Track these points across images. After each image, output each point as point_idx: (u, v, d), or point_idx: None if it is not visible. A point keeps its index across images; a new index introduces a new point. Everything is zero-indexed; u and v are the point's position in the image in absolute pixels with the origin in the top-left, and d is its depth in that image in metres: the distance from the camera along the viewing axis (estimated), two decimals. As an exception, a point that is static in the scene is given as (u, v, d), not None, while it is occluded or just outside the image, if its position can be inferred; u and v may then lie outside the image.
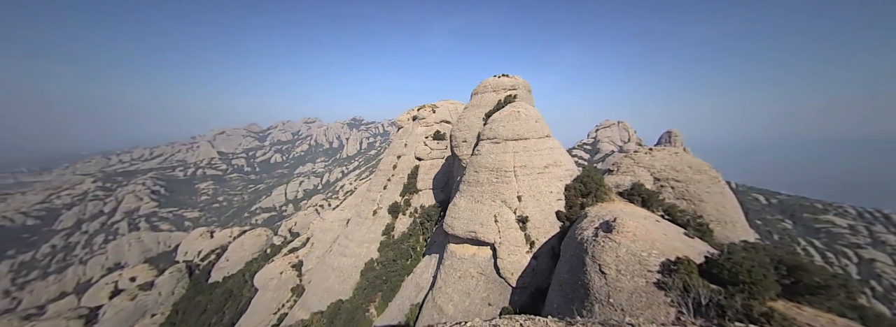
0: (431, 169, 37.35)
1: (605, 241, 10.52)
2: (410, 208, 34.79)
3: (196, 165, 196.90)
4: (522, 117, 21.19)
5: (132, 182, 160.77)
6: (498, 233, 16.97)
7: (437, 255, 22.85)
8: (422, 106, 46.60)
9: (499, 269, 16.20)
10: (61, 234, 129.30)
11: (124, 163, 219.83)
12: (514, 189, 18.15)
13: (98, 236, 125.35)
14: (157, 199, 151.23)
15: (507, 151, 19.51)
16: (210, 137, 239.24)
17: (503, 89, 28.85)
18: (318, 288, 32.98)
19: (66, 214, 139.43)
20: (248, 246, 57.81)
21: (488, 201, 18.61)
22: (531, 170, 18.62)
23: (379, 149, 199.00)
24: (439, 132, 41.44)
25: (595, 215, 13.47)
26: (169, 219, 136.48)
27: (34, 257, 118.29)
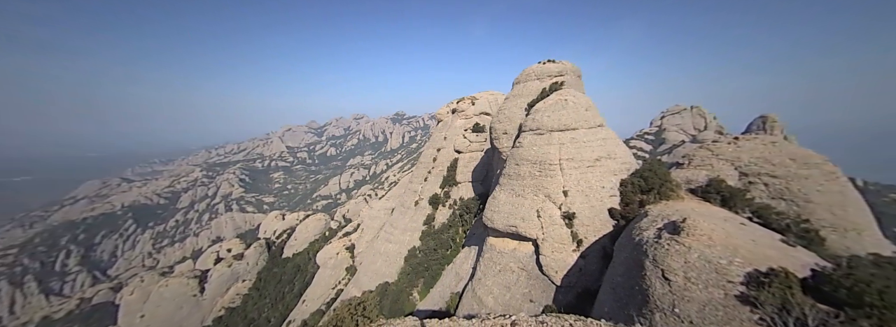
0: (470, 162, 37.16)
1: (671, 244, 9.19)
2: (450, 200, 35.35)
3: (270, 158, 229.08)
4: (570, 106, 19.47)
5: (226, 171, 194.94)
6: (541, 229, 16.19)
7: (477, 247, 22.91)
8: (461, 98, 46.22)
9: (542, 266, 15.53)
10: (181, 211, 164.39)
11: (220, 156, 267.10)
12: (559, 183, 16.98)
13: (205, 214, 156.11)
14: (244, 186, 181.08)
15: (551, 143, 18.24)
16: (280, 133, 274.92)
17: (548, 76, 26.83)
18: (367, 270, 36.13)
19: (184, 196, 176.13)
20: (310, 229, 65.88)
21: (530, 195, 17.79)
22: (579, 163, 17.14)
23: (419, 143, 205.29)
24: (478, 124, 40.76)
25: (658, 214, 11.85)
26: (252, 203, 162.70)
27: (165, 229, 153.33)
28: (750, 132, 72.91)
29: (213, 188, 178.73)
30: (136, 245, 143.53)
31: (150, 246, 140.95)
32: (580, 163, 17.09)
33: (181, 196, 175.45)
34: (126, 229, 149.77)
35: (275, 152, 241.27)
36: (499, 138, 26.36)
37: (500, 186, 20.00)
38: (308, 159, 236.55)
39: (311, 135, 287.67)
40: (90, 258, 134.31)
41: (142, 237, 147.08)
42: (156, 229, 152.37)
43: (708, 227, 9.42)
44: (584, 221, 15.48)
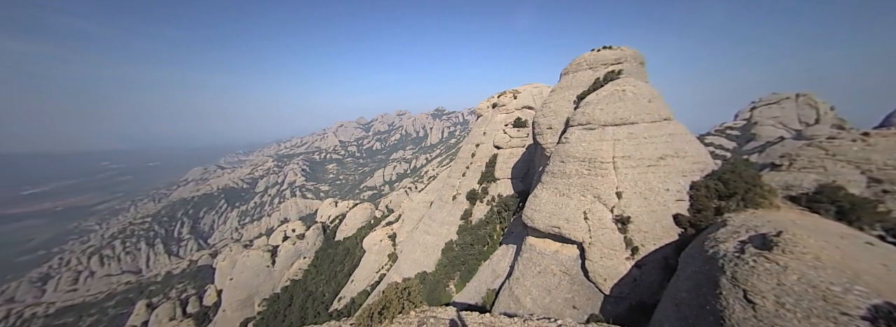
0: (510, 158, 35.98)
1: (759, 261, 7.64)
2: (488, 196, 34.89)
3: (325, 151, 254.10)
4: (628, 97, 17.35)
5: (291, 162, 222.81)
6: (588, 233, 14.95)
7: (515, 246, 22.26)
8: (502, 92, 44.75)
9: (587, 272, 14.40)
10: (258, 195, 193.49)
11: (287, 149, 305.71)
12: (611, 183, 15.39)
13: (275, 198, 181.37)
14: (305, 175, 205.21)
15: (604, 139, 16.56)
16: (333, 129, 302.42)
17: (603, 65, 24.23)
18: (407, 258, 38.06)
19: (260, 182, 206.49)
20: (358, 216, 71.79)
21: (576, 195, 16.51)
22: (638, 161, 15.25)
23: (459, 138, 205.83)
24: (520, 119, 39.08)
25: (741, 225, 9.94)
26: (311, 190, 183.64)
27: (247, 208, 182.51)
28: (885, 126, 56.30)
29: (281, 176, 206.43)
30: (227, 220, 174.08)
31: (236, 222, 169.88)
32: (639, 162, 15.19)
33: (258, 182, 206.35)
34: (220, 207, 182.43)
35: (329, 146, 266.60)
36: (542, 133, 24.89)
37: (543, 184, 18.96)
38: (357, 152, 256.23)
39: (360, 130, 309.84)
40: (196, 229, 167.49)
41: (231, 214, 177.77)
42: (240, 208, 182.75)
43: (814, 245, 7.57)
44: (640, 227, 13.81)
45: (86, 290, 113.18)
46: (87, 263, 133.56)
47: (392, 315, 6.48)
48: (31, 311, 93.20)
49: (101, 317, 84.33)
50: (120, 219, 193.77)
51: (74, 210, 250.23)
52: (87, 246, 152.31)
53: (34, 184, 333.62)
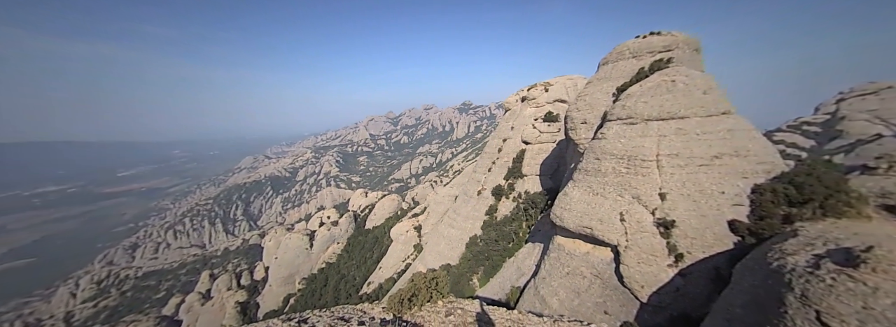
0: (539, 154, 34.64)
1: (840, 279, 6.55)
2: (514, 193, 34.13)
3: (357, 144, 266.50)
4: (678, 88, 15.60)
5: (327, 154, 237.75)
6: (624, 235, 13.97)
7: (542, 245, 21.61)
8: (533, 85, 42.86)
9: (622, 277, 13.53)
10: (298, 183, 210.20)
11: (323, 141, 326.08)
12: (654, 183, 14.12)
13: (313, 187, 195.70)
14: (338, 166, 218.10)
15: (647, 134, 15.16)
16: (364, 123, 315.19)
17: (649, 53, 21.97)
18: (432, 250, 38.99)
19: (300, 172, 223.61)
20: (386, 207, 74.84)
21: (612, 195, 15.45)
22: (687, 160, 13.75)
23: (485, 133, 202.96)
24: (551, 113, 37.26)
25: (817, 236, 8.55)
26: (344, 181, 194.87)
27: (289, 195, 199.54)
28: None
29: (318, 166, 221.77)
30: (273, 205, 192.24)
31: (280, 207, 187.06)
32: (688, 161, 13.69)
33: (299, 171, 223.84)
34: (267, 193, 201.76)
35: (360, 139, 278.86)
36: (575, 128, 23.48)
37: (574, 182, 18.00)
38: (386, 145, 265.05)
39: (389, 124, 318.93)
40: (248, 211, 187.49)
41: (275, 200, 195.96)
42: (284, 195, 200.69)
43: (921, 265, 6.26)
44: (687, 232, 12.54)
45: (164, 259, 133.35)
46: (165, 236, 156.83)
47: (421, 302, 6.69)
48: (125, 273, 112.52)
49: (175, 282, 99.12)
50: (188, 200, 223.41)
51: (154, 191, 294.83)
52: (164, 222, 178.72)
53: (125, 168, 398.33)
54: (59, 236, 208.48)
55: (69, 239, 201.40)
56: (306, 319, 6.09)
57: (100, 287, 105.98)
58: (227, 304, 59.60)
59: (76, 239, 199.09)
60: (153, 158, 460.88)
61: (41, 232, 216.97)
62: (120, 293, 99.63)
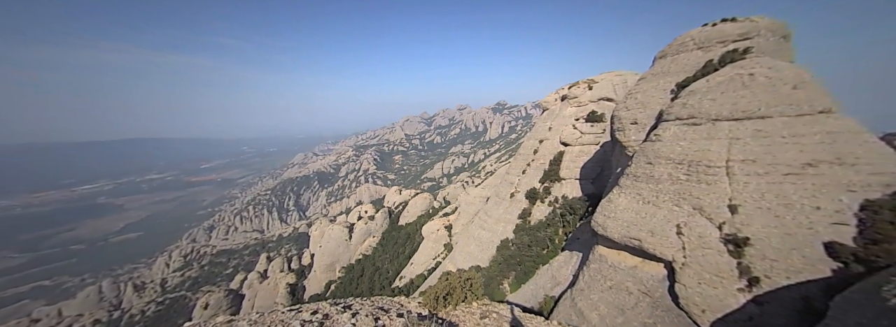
0: (580, 156, 32.42)
1: None
2: (550, 197, 32.45)
3: (393, 143, 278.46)
4: (758, 82, 13.34)
5: (366, 152, 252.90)
6: (681, 250, 12.36)
7: (581, 254, 20.17)
8: (574, 83, 40.32)
9: (678, 298, 11.99)
10: (341, 179, 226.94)
11: (363, 140, 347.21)
12: (721, 193, 12.25)
13: (353, 183, 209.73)
14: (376, 164, 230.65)
15: (715, 137, 13.23)
16: (400, 123, 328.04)
17: (720, 43, 19.14)
18: (462, 250, 38.97)
19: (342, 168, 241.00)
20: (419, 205, 76.90)
21: (667, 204, 13.79)
22: (769, 167, 11.66)
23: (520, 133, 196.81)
24: (595, 113, 34.65)
25: (966, 270, 6.57)
26: (381, 178, 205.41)
27: (333, 189, 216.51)
28: None
29: (358, 164, 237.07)
30: (319, 198, 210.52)
31: (325, 200, 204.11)
32: (770, 169, 11.59)
33: (341, 168, 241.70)
34: (314, 187, 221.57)
35: (396, 138, 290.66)
36: (624, 129, 21.44)
37: (621, 188, 16.46)
38: (419, 145, 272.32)
39: (423, 124, 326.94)
40: (298, 202, 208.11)
41: (321, 193, 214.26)
42: (328, 189, 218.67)
43: None
44: (766, 252, 10.62)
45: (232, 240, 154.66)
46: (233, 220, 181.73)
47: (455, 301, 6.69)
48: (203, 250, 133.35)
49: (240, 261, 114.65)
50: (252, 190, 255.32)
51: (227, 181, 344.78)
52: (234, 209, 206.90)
53: (206, 161, 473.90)
54: (159, 215, 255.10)
55: (166, 218, 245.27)
56: (350, 305, 6.48)
57: (185, 260, 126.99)
58: (280, 285, 66.66)
59: (170, 218, 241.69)
60: (226, 153, 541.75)
61: (147, 211, 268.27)
62: (200, 266, 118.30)
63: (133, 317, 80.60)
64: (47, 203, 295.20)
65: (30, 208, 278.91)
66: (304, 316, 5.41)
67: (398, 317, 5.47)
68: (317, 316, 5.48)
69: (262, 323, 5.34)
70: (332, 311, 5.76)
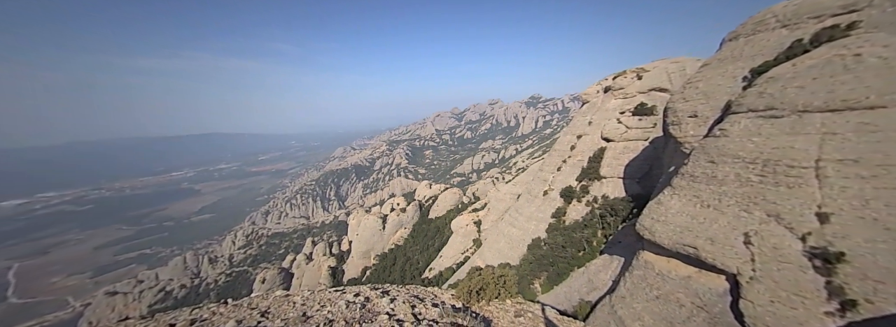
0: (624, 153, 29.84)
1: None
2: (588, 196, 30.52)
3: (424, 138, 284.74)
4: (867, 65, 10.91)
5: (398, 147, 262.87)
6: (749, 263, 10.81)
7: (622, 259, 18.73)
8: (620, 72, 36.95)
9: (743, 316, 10.57)
10: (375, 172, 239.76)
11: (396, 135, 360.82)
12: (809, 198, 10.37)
13: (386, 176, 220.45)
14: (407, 159, 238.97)
15: (802, 131, 11.18)
16: (431, 119, 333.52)
17: (814, 18, 15.89)
18: (491, 247, 38.78)
19: (377, 162, 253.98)
20: (448, 200, 78.01)
21: (732, 209, 12.10)
22: (876, 169, 9.55)
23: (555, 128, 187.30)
24: (644, 105, 31.47)
25: None
26: (412, 172, 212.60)
27: (368, 182, 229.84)
28: None
29: (391, 158, 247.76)
30: (356, 190, 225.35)
31: (361, 192, 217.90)
32: (878, 171, 9.48)
33: (375, 162, 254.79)
34: (352, 179, 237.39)
35: (427, 134, 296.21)
36: (680, 123, 19.10)
37: (674, 189, 14.81)
38: (449, 140, 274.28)
39: (453, 119, 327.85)
40: (339, 193, 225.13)
41: (358, 185, 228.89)
42: (364, 181, 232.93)
43: None
44: (868, 272, 8.79)
45: (284, 224, 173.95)
46: (285, 207, 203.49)
47: (488, 297, 6.73)
48: (261, 232, 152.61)
49: (290, 243, 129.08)
50: (299, 181, 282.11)
51: (280, 172, 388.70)
52: (284, 197, 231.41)
53: (263, 153, 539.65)
54: (227, 200, 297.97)
55: (232, 202, 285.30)
56: (388, 291, 6.89)
57: (247, 239, 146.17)
58: (323, 267, 73.27)
59: (235, 203, 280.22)
60: (278, 147, 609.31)
61: (218, 196, 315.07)
62: (258, 245, 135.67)
63: (208, 285, 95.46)
64: (147, 186, 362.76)
65: (135, 190, 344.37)
66: (348, 297, 5.89)
67: (433, 307, 5.67)
68: (359, 298, 5.93)
69: (313, 299, 5.94)
70: (372, 295, 6.18)
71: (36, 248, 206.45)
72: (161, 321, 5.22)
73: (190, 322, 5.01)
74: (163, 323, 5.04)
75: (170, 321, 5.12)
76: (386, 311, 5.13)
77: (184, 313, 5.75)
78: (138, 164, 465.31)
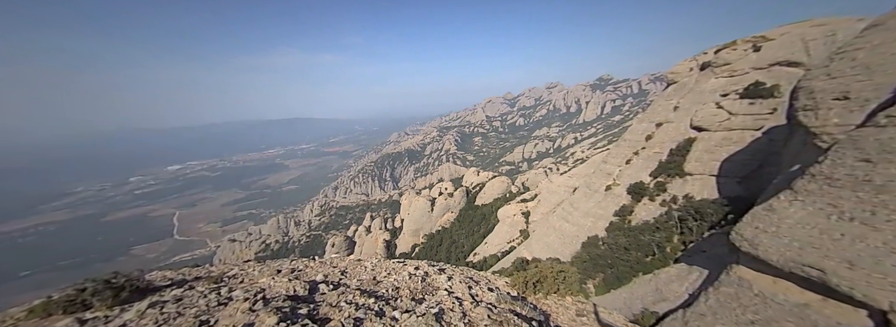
0: (722, 145, 24.44)
1: None
2: (664, 194, 26.35)
3: (473, 125, 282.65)
4: None
5: (448, 133, 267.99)
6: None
7: (705, 271, 15.90)
8: (729, 43, 29.59)
9: (891, 366, 8.06)
10: (426, 157, 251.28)
11: (446, 122, 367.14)
12: None
13: (436, 161, 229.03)
14: (456, 145, 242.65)
15: None
16: (482, 105, 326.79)
17: None
18: (540, 240, 37.44)
19: (427, 148, 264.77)
20: (496, 188, 77.27)
21: (894, 226, 8.94)
22: None
23: (626, 115, 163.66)
24: (760, 85, 24.84)
25: None
26: (460, 158, 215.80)
27: (419, 166, 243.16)
28: None
29: (441, 144, 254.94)
30: (408, 172, 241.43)
31: (412, 175, 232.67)
32: None
33: (426, 147, 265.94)
34: (404, 163, 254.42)
35: (477, 120, 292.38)
36: (818, 108, 14.43)
37: (796, 194, 11.59)
38: (500, 127, 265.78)
39: (506, 105, 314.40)
40: (393, 175, 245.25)
41: (410, 169, 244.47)
42: (415, 165, 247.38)
43: None
44: None
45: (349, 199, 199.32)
46: (349, 184, 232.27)
47: (547, 291, 6.60)
48: (331, 204, 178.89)
49: (353, 216, 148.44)
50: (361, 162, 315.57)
51: (346, 153, 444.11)
52: (349, 175, 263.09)
53: (333, 137, 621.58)
54: (307, 175, 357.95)
55: (310, 177, 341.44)
56: (444, 269, 7.35)
57: (321, 209, 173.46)
58: (379, 239, 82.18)
59: (313, 178, 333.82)
60: (345, 131, 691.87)
61: (300, 171, 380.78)
62: (329, 215, 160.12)
63: (293, 243, 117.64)
64: (252, 160, 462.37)
65: (246, 163, 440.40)
66: (409, 269, 6.49)
67: (489, 291, 5.82)
68: (419, 271, 6.47)
69: (380, 266, 6.75)
70: (431, 271, 6.65)
71: (188, 201, 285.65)
72: (271, 266, 6.63)
73: (291, 270, 6.25)
74: (272, 268, 6.39)
75: (277, 267, 6.47)
76: (444, 288, 5.48)
77: (285, 262, 7.18)
78: (247, 143, 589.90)
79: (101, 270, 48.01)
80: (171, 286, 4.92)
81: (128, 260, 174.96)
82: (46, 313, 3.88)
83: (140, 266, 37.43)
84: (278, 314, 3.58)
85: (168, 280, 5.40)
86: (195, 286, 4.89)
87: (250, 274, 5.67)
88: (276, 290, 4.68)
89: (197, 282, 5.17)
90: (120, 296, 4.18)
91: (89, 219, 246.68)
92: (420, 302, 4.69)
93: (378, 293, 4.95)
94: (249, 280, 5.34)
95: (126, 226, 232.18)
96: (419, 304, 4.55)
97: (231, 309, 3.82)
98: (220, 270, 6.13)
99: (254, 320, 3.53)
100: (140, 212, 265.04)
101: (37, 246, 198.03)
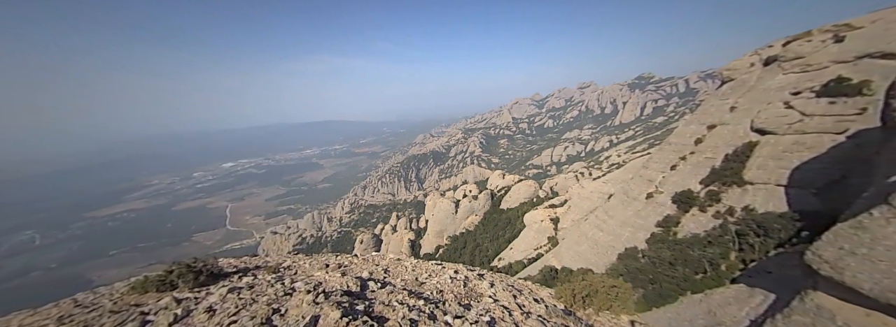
0: (791, 151, 21.37)
1: None
2: (718, 205, 23.62)
3: (499, 127, 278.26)
4: None
5: (473, 135, 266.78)
6: None
7: (772, 296, 13.85)
8: (801, 34, 25.99)
9: None
10: (451, 158, 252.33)
11: (471, 124, 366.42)
12: None
13: (461, 163, 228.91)
14: (481, 147, 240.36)
15: None
16: (508, 106, 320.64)
17: None
18: (570, 248, 35.55)
19: (452, 149, 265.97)
20: (522, 192, 75.07)
21: None
22: None
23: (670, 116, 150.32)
24: (844, 80, 21.38)
25: None
26: (485, 161, 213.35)
27: (444, 167, 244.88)
28: None
29: (465, 146, 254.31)
30: (433, 174, 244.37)
31: (437, 176, 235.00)
32: None
33: (451, 149, 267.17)
34: (429, 164, 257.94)
35: (503, 122, 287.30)
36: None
37: (894, 210, 9.68)
38: (527, 129, 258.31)
39: (533, 107, 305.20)
40: (418, 176, 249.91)
41: (435, 170, 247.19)
42: (440, 167, 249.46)
43: None
44: None
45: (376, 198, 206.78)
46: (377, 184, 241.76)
47: (598, 307, 6.21)
48: (360, 202, 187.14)
49: (380, 214, 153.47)
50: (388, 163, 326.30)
51: (374, 154, 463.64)
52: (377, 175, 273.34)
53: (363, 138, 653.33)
54: (339, 174, 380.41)
55: (342, 176, 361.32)
56: (483, 274, 7.27)
57: (351, 207, 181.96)
58: (404, 239, 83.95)
59: (344, 177, 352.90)
60: (374, 132, 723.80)
61: (333, 170, 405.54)
62: (358, 213, 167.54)
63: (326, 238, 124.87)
64: (291, 159, 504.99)
65: (286, 162, 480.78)
66: (449, 273, 6.50)
67: (534, 302, 5.63)
68: (459, 275, 6.44)
69: (420, 267, 6.86)
70: (470, 276, 6.60)
71: (238, 195, 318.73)
72: (319, 260, 7.06)
73: (338, 265, 6.60)
74: (320, 262, 6.78)
75: (325, 261, 6.87)
76: (488, 294, 5.40)
77: (331, 257, 7.58)
78: (287, 143, 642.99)
79: (170, 253, 56.46)
80: (238, 273, 5.47)
81: (190, 245, 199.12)
82: (144, 289, 4.55)
83: (200, 251, 41.95)
84: (340, 308, 3.80)
85: (234, 267, 6.02)
86: (257, 274, 5.39)
87: (303, 267, 6.10)
88: (332, 285, 4.96)
89: (258, 271, 5.69)
90: (199, 279, 4.77)
91: (161, 208, 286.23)
92: (467, 307, 4.67)
93: (424, 295, 5.02)
94: (303, 272, 5.74)
95: (189, 215, 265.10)
96: (468, 310, 4.52)
97: (296, 300, 4.13)
98: (276, 261, 6.68)
99: (319, 312, 3.77)
100: (200, 203, 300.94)
101: (121, 230, 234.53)
